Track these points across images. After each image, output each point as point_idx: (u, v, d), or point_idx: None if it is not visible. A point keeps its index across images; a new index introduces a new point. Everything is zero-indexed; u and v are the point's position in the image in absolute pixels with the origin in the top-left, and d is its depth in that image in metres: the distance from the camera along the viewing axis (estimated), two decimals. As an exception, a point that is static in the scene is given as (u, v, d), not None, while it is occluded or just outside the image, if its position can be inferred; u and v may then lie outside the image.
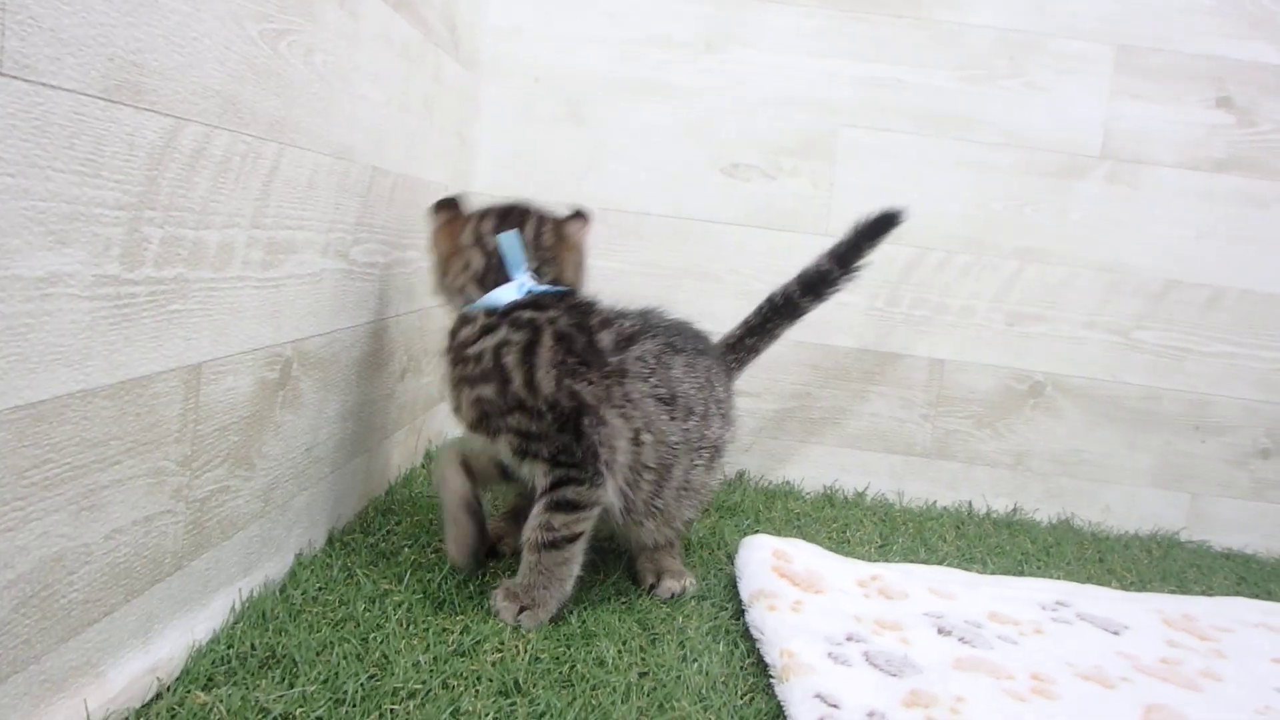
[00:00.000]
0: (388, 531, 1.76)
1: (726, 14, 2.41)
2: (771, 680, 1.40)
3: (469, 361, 1.53)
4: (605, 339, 1.57)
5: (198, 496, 1.22)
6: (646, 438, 1.57)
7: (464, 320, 1.58)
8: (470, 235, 1.61)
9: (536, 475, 1.53)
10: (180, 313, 1.14)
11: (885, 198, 2.38)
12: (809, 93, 2.43)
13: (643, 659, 1.42)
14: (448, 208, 1.65)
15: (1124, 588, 2.03)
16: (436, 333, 1.78)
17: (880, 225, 1.96)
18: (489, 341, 1.52)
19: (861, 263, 1.96)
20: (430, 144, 2.01)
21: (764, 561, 1.74)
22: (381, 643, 1.33)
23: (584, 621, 1.51)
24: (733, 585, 1.75)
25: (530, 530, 1.52)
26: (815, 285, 1.95)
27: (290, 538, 1.52)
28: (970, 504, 2.48)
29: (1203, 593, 2.08)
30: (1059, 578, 2.03)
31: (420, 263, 2.00)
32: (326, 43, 1.45)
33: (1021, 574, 2.04)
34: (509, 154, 2.43)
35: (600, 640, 1.45)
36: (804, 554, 1.82)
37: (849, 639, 1.53)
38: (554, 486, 1.51)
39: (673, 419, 1.61)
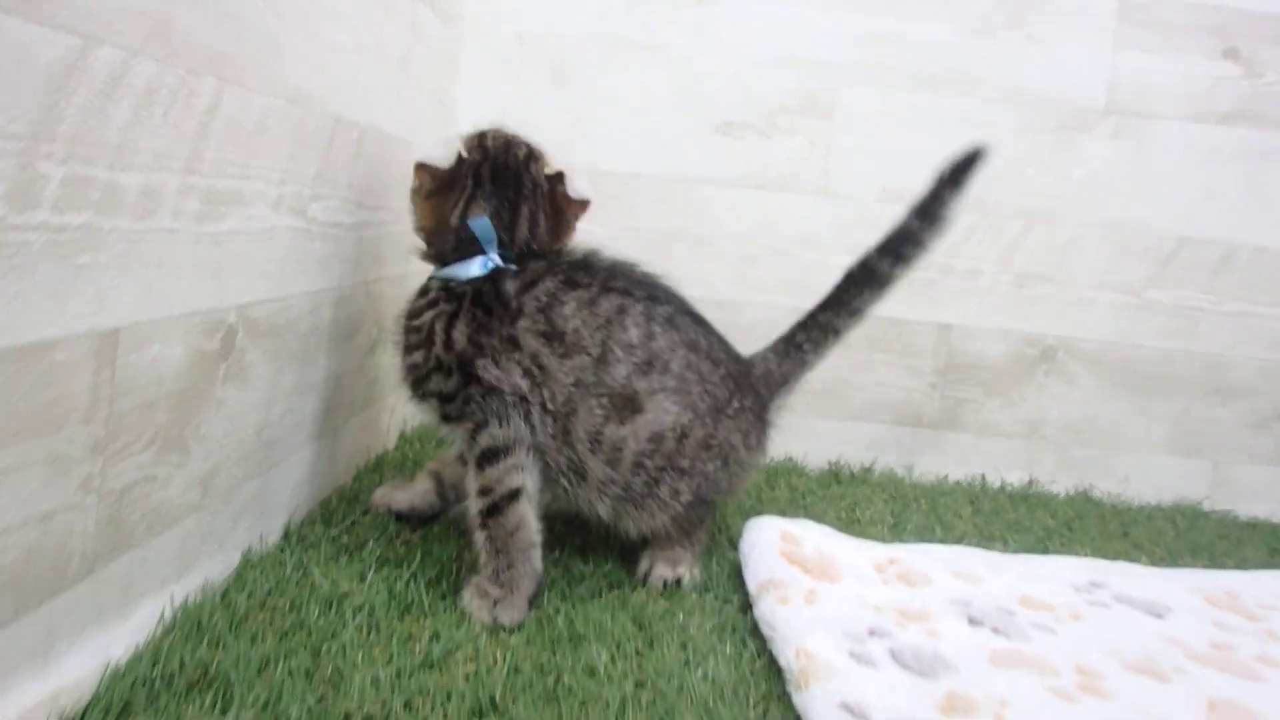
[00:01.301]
0: (352, 523, 1.53)
1: (718, -39, 2.18)
2: (787, 686, 1.18)
3: (411, 331, 1.46)
4: (510, 286, 1.43)
5: (114, 487, 1.00)
6: (536, 374, 1.40)
7: (423, 290, 1.49)
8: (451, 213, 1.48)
9: (461, 441, 1.43)
10: (89, 267, 0.91)
11: (885, 157, 2.21)
12: (805, 48, 2.20)
13: (639, 665, 1.19)
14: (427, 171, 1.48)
15: (1154, 563, 1.82)
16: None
17: (963, 167, 1.66)
18: (429, 315, 1.44)
19: (947, 213, 1.66)
20: (406, 100, 1.77)
21: (771, 545, 1.52)
22: (336, 655, 1.10)
23: (571, 622, 1.28)
24: (738, 574, 1.53)
25: (470, 503, 1.38)
26: (895, 245, 1.66)
27: (236, 532, 1.29)
28: (983, 477, 2.26)
29: (1236, 566, 1.87)
30: (1085, 555, 1.81)
31: (393, 225, 1.77)
32: (276, -30, 1.22)
33: (1045, 551, 1.83)
34: (491, 116, 2.18)
35: (590, 644, 1.22)
36: (814, 536, 1.60)
37: (871, 633, 1.31)
38: (472, 438, 1.40)
39: (558, 355, 1.41)
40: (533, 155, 1.52)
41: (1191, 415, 2.28)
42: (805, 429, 2.26)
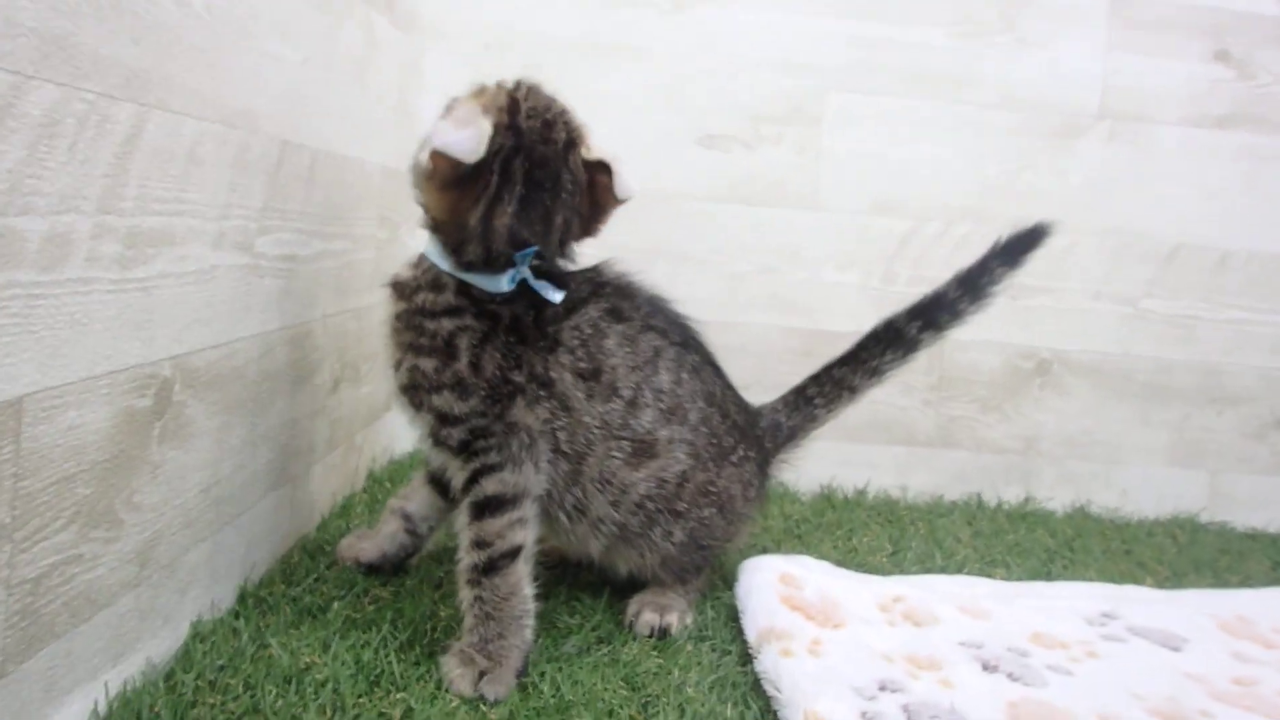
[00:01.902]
0: (316, 579, 1.37)
1: (694, -33, 2.05)
2: (796, 758, 1.04)
3: (423, 332, 1.23)
4: (549, 313, 1.26)
5: (27, 576, 0.85)
6: (559, 415, 1.26)
7: (435, 285, 1.24)
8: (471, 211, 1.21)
9: (453, 471, 1.25)
10: (-20, 331, 0.77)
11: (877, 165, 2.08)
12: (791, 53, 2.07)
13: (633, 737, 1.06)
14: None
15: (1159, 583, 1.71)
16: (377, 335, 1.40)
17: (1022, 243, 1.55)
18: (449, 324, 1.22)
19: (994, 289, 1.56)
20: (363, 117, 1.63)
21: (769, 588, 1.39)
22: (293, 746, 0.96)
23: (558, 687, 1.14)
24: (735, 619, 1.39)
25: (462, 555, 1.21)
26: (928, 311, 1.55)
27: (183, 604, 1.14)
28: (980, 495, 2.14)
29: (1240, 582, 1.77)
30: (1090, 578, 1.70)
31: (356, 253, 1.63)
32: (207, -22, 1.07)
33: (1049, 575, 1.71)
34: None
35: (579, 713, 1.08)
36: (813, 575, 1.47)
37: (882, 689, 1.18)
38: (471, 481, 1.22)
39: (588, 396, 1.28)
40: (573, 141, 1.27)
41: (1190, 425, 2.17)
42: (797, 451, 2.12)
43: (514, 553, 1.20)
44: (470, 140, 1.16)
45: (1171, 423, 2.17)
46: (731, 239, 2.09)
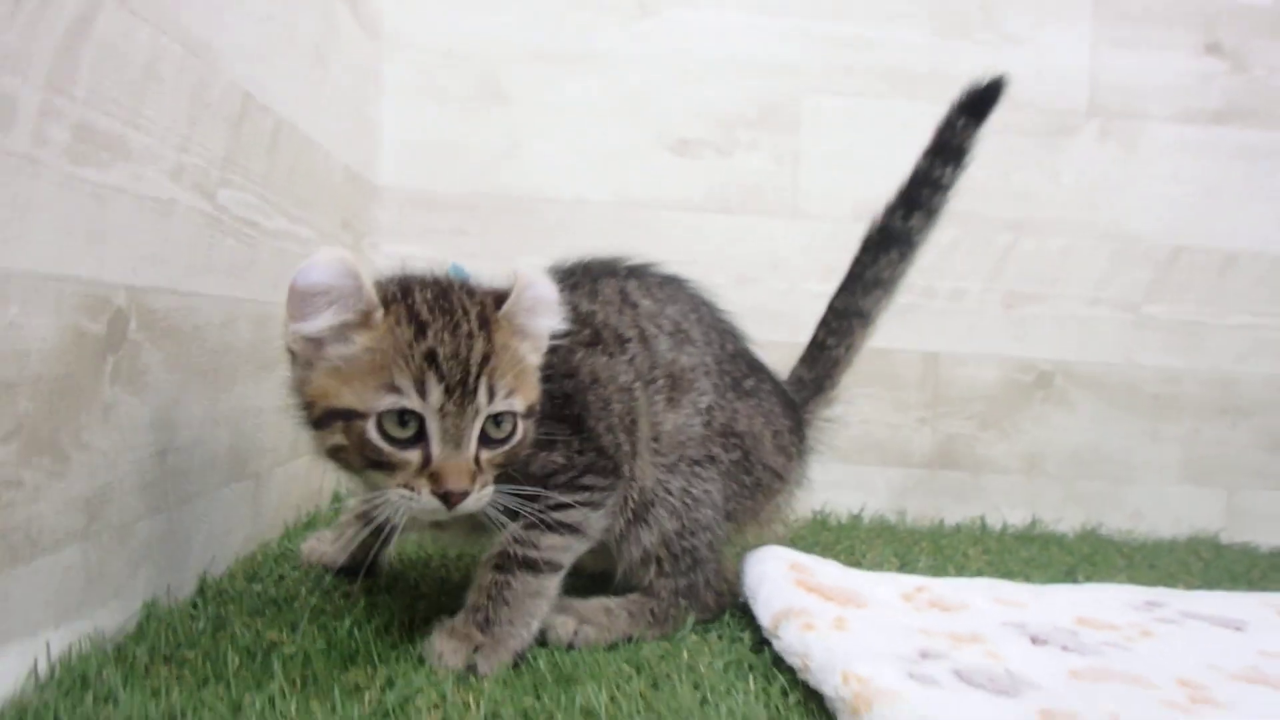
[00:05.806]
0: (281, 577, 1.27)
1: (660, -32, 2.02)
2: (838, 718, 0.94)
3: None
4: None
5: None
6: (604, 389, 1.20)
7: None
8: None
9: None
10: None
11: (858, 169, 2.03)
12: (764, 55, 2.04)
13: (646, 705, 0.96)
14: None
15: (1192, 590, 1.61)
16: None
17: (982, 97, 1.45)
18: None
19: (967, 145, 1.46)
20: (324, 103, 1.56)
21: (783, 575, 1.29)
22: (263, 708, 0.85)
23: (556, 664, 1.05)
24: (744, 613, 1.29)
25: (498, 546, 1.10)
26: (909, 195, 1.46)
27: (136, 579, 1.04)
28: (983, 518, 2.05)
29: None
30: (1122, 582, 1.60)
31: (321, 245, 1.55)
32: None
33: (1077, 583, 1.61)
34: (419, 139, 1.98)
35: (584, 685, 0.98)
36: (826, 567, 1.37)
37: (924, 656, 1.08)
38: (562, 504, 1.12)
39: (609, 356, 1.21)
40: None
41: (1201, 439, 2.12)
42: (831, 409, 2.03)
43: (557, 568, 1.13)
44: None
45: (1182, 437, 2.11)
46: (707, 249, 2.04)
